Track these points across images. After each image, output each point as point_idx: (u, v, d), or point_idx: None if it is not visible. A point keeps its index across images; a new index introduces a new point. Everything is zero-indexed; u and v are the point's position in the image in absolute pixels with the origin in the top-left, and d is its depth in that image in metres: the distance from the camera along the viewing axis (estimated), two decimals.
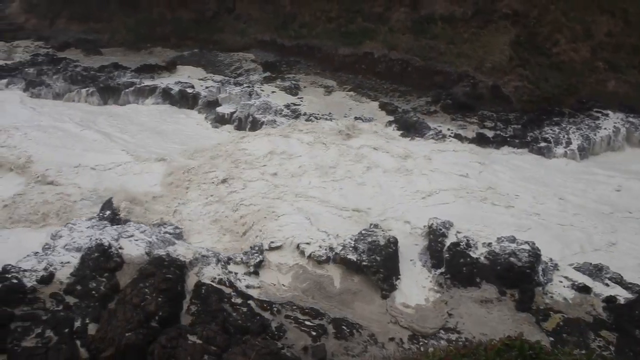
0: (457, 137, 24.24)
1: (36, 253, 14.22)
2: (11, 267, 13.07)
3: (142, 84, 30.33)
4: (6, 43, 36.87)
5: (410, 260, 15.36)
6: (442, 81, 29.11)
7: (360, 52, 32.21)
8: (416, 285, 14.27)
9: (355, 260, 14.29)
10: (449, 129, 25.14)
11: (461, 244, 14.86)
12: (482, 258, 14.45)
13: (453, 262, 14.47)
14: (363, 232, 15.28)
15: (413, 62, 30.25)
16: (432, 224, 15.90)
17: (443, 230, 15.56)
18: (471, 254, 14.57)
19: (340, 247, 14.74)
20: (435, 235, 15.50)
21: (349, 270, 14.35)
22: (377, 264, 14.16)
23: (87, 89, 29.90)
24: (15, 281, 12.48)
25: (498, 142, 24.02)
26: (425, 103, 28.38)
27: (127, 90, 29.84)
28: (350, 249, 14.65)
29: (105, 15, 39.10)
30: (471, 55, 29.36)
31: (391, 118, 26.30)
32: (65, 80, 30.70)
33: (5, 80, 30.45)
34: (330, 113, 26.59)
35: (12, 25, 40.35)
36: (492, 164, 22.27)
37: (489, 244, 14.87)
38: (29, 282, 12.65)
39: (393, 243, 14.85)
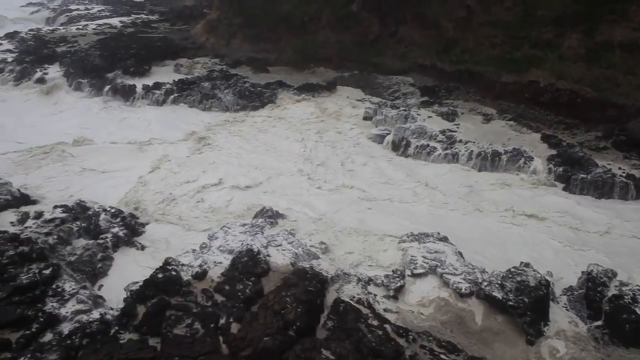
0: (630, 177, 21.89)
1: (194, 250, 15.52)
2: (172, 260, 14.39)
3: (302, 102, 31.89)
4: (188, 59, 41.01)
5: (563, 306, 14.17)
6: (616, 115, 26.50)
7: (524, 80, 30.65)
8: (567, 336, 13.09)
9: (500, 298, 13.53)
10: (620, 168, 22.78)
11: (625, 297, 13.35)
12: None
13: (614, 317, 13.04)
14: (512, 269, 14.41)
15: (583, 92, 28.01)
16: (592, 270, 14.51)
17: (604, 279, 14.13)
18: (638, 310, 13.00)
19: (486, 283, 14.05)
20: (594, 283, 14.12)
21: (492, 308, 13.63)
22: (525, 305, 13.25)
23: (252, 103, 32.28)
24: (174, 273, 13.74)
25: None
26: (594, 138, 26.10)
27: (287, 107, 31.58)
28: (497, 286, 13.89)
29: (275, 36, 41.75)
30: None
31: (553, 152, 24.56)
32: (234, 94, 33.31)
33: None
34: (491, 143, 25.56)
35: (195, 44, 44.84)
36: None
37: None
38: (186, 276, 13.85)
39: (544, 285, 13.81)
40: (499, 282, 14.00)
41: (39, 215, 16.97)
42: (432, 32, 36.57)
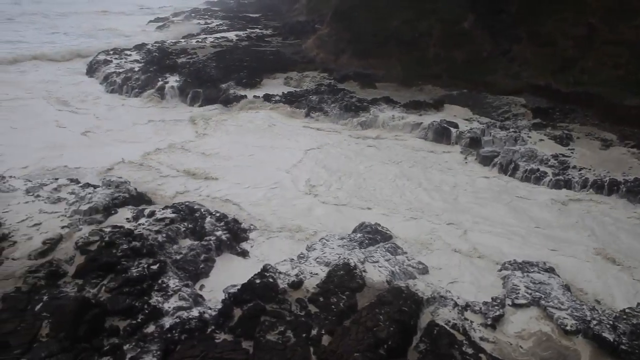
0: None
1: (292, 259, 15.78)
2: (270, 267, 14.72)
3: (408, 119, 31.57)
4: (298, 73, 42.13)
5: None
6: None
7: None
8: None
9: (611, 340, 12.44)
10: None
11: None
12: None
13: None
14: (627, 310, 13.26)
15: None
16: None
17: None
18: None
19: (595, 322, 13.00)
20: None
21: (601, 350, 12.56)
22: None
23: (357, 118, 32.43)
24: (271, 280, 14.04)
25: None
26: None
27: (392, 123, 31.45)
28: (608, 326, 12.81)
29: (384, 52, 41.74)
30: None
31: None
32: (340, 108, 33.68)
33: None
34: (609, 172, 23.79)
35: (305, 58, 46.09)
36: None
37: None
38: (282, 283, 14.08)
39: None
40: (611, 322, 12.92)
41: (151, 214, 18.07)
42: (548, 51, 34.88)
